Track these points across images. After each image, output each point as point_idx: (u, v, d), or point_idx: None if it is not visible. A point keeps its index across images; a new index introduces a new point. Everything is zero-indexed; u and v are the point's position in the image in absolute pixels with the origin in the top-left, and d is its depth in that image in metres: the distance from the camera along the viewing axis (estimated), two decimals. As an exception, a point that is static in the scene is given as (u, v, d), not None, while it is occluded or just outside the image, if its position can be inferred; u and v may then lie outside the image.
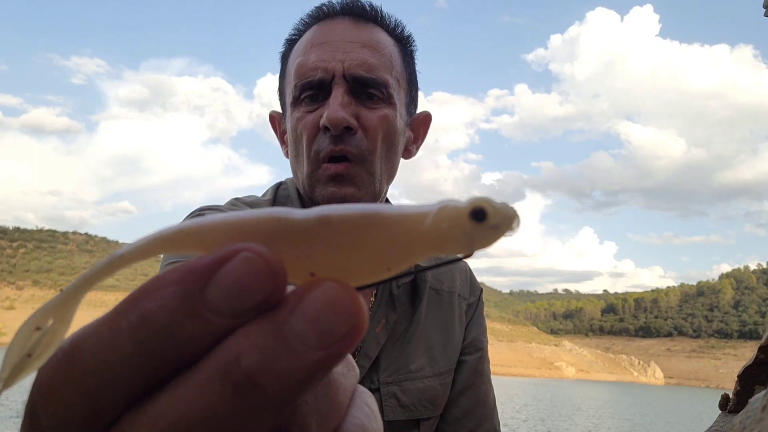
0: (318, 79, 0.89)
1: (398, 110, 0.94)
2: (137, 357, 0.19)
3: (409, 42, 1.01)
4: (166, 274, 0.19)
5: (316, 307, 0.19)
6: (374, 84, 0.90)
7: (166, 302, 0.19)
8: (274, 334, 0.18)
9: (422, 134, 1.06)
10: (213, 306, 0.19)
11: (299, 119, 0.91)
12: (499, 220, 0.20)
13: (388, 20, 0.98)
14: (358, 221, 0.20)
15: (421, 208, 0.20)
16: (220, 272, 0.19)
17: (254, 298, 0.19)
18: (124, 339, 0.19)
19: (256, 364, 0.18)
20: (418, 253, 0.21)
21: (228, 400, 0.18)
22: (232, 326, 0.19)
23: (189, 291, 0.19)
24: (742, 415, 0.54)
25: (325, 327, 0.19)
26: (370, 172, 0.91)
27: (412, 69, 1.02)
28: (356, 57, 0.90)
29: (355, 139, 0.89)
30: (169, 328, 0.18)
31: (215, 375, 0.18)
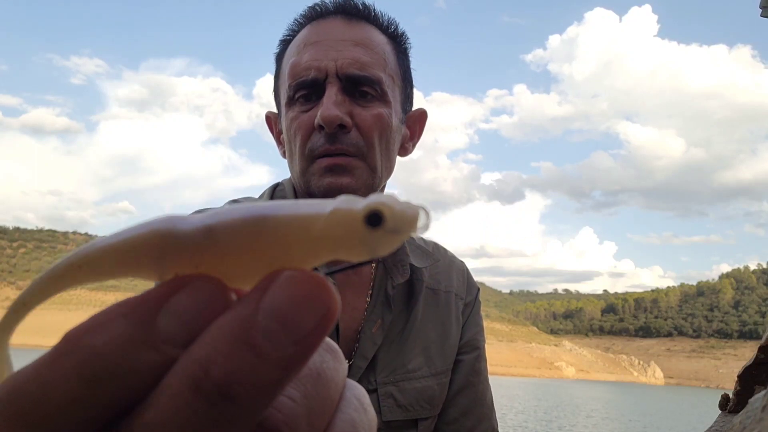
0: (311, 78, 0.89)
1: (393, 108, 0.94)
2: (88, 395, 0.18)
3: (402, 39, 1.01)
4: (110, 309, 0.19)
5: (280, 302, 0.18)
6: (367, 82, 0.90)
7: (117, 335, 0.18)
8: (241, 338, 0.17)
9: (418, 131, 1.06)
10: (166, 335, 0.18)
11: (294, 119, 0.91)
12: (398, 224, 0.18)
13: (381, 18, 0.98)
14: (242, 228, 0.19)
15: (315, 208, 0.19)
16: (171, 301, 0.18)
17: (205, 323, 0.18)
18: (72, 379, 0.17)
19: (225, 374, 0.17)
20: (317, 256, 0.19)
21: (202, 412, 0.17)
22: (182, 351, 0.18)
23: (142, 322, 0.18)
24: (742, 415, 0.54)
25: (293, 322, 0.17)
26: (372, 168, 0.91)
27: (407, 66, 1.01)
28: (349, 55, 0.89)
29: (350, 137, 0.88)
30: (124, 360, 0.18)
31: (185, 389, 0.17)
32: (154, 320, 0.18)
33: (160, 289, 0.19)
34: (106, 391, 0.18)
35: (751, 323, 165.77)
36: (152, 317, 0.18)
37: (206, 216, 0.19)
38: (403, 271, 0.97)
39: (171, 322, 0.18)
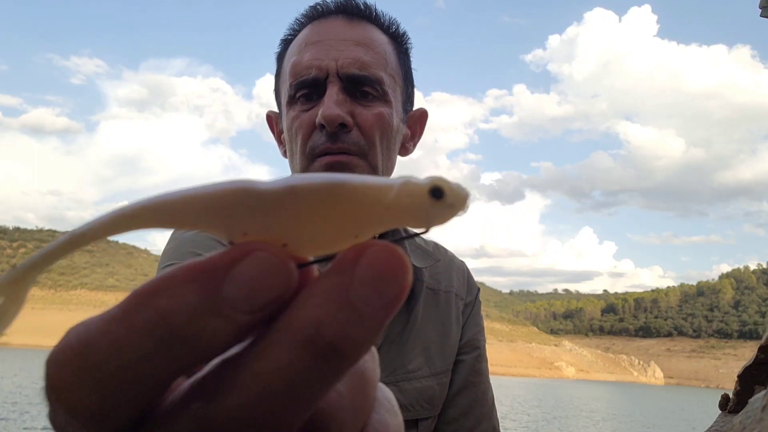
0: (312, 77, 0.89)
1: (394, 107, 0.94)
2: (158, 353, 0.19)
3: (403, 39, 1.01)
4: (177, 273, 0.19)
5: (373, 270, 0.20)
6: (368, 81, 0.90)
7: (185, 300, 0.19)
8: (344, 302, 0.19)
9: (419, 131, 1.07)
10: (231, 303, 0.19)
11: (295, 118, 0.92)
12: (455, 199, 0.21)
13: (382, 18, 0.99)
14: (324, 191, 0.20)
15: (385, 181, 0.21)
16: (235, 270, 0.19)
17: (270, 295, 0.19)
18: (144, 337, 0.19)
19: (335, 332, 0.19)
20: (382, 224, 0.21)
21: (315, 367, 0.19)
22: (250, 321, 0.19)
23: (208, 289, 0.19)
24: (742, 415, 0.54)
25: (385, 288, 0.20)
26: (373, 167, 0.91)
27: (408, 66, 1.02)
28: (350, 55, 0.90)
29: (351, 136, 0.89)
30: (191, 325, 0.19)
31: (299, 346, 0.19)
32: (219, 288, 0.19)
33: (225, 256, 0.20)
34: (175, 351, 0.19)
35: (751, 323, 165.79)
36: (218, 285, 0.19)
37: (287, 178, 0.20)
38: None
39: (235, 290, 0.19)
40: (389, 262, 0.20)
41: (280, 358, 0.19)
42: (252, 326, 0.20)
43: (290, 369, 0.19)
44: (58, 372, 0.20)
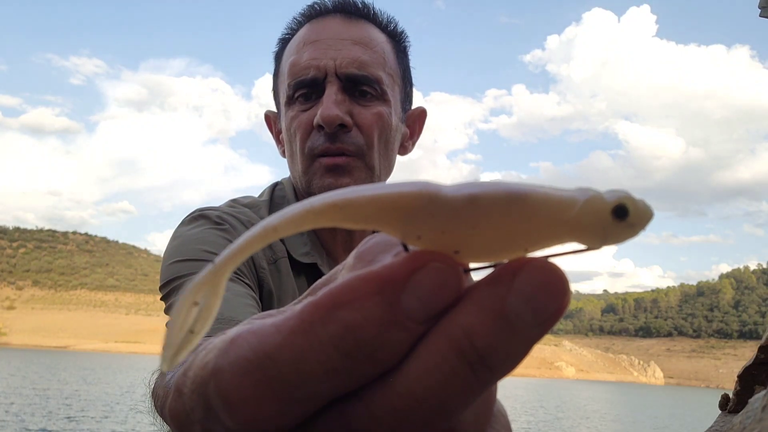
0: (311, 77, 0.90)
1: (393, 107, 0.94)
2: (343, 365, 0.19)
3: (402, 38, 1.01)
4: (358, 284, 0.20)
5: (532, 287, 0.20)
6: (367, 81, 0.90)
7: (370, 313, 0.19)
8: (498, 314, 0.19)
9: (418, 130, 1.06)
10: (410, 313, 0.20)
11: (293, 118, 0.92)
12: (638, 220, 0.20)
13: (380, 17, 0.99)
14: (506, 202, 0.20)
15: (567, 194, 0.20)
16: (413, 281, 0.20)
17: (443, 303, 0.20)
18: (331, 350, 0.19)
19: (486, 342, 0.19)
20: (558, 239, 0.21)
21: (462, 375, 0.19)
22: (423, 331, 0.20)
23: (390, 301, 0.19)
24: (742, 415, 0.54)
25: (541, 306, 0.20)
26: (370, 167, 0.91)
27: (406, 65, 1.02)
28: (348, 54, 0.90)
29: (351, 136, 0.89)
30: (377, 337, 0.19)
31: (451, 354, 0.19)
32: (399, 299, 0.20)
33: (402, 267, 0.20)
34: (359, 362, 0.20)
35: (751, 323, 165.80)
36: (398, 296, 0.20)
37: (467, 185, 0.21)
38: None
39: (414, 301, 0.20)
40: (549, 279, 0.20)
41: (430, 362, 0.20)
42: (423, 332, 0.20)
43: (439, 374, 0.19)
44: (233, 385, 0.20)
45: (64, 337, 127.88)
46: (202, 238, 0.86)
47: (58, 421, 15.18)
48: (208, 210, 0.93)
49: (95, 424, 15.05)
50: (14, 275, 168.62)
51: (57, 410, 17.18)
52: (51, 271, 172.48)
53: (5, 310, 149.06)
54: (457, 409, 0.20)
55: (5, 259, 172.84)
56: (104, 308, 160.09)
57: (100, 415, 16.68)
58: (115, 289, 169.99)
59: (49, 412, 16.75)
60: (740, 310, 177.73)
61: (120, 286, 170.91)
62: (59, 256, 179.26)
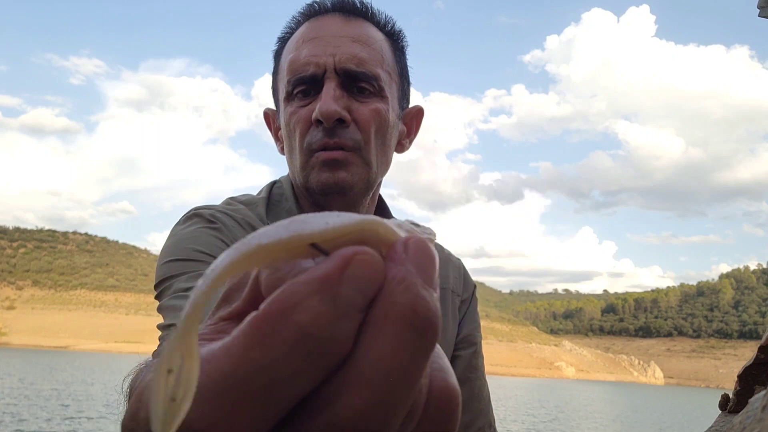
0: (310, 74, 0.91)
1: (390, 104, 0.96)
2: (306, 366, 0.21)
3: (399, 37, 1.03)
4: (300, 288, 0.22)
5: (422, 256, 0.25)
6: (365, 78, 0.92)
7: (319, 311, 0.21)
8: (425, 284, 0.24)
9: (415, 128, 1.08)
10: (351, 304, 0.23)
11: (292, 114, 0.94)
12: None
13: (378, 16, 1.01)
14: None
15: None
16: (347, 275, 0.23)
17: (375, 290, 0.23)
18: (291, 354, 0.21)
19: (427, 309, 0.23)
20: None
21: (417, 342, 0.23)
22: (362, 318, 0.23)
23: (332, 296, 0.22)
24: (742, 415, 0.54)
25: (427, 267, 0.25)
26: (367, 162, 0.93)
27: (404, 64, 1.04)
28: (347, 51, 0.91)
29: (348, 131, 0.90)
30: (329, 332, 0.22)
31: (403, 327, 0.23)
32: (339, 293, 0.22)
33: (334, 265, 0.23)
34: (318, 358, 0.22)
35: (751, 323, 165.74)
36: (338, 291, 0.22)
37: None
38: None
39: (352, 292, 0.23)
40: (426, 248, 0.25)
41: (389, 343, 0.22)
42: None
43: (402, 350, 0.22)
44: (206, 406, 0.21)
45: (64, 337, 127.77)
46: (195, 237, 0.88)
47: (56, 421, 15.15)
48: (202, 209, 0.95)
49: (94, 425, 15.03)
50: (14, 275, 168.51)
51: (56, 411, 17.15)
52: (51, 271, 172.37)
53: (5, 310, 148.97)
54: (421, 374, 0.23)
55: (5, 259, 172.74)
56: (104, 308, 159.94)
57: (98, 415, 16.66)
58: (115, 289, 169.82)
59: (48, 412, 16.73)
60: (740, 310, 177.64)
61: (120, 286, 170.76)
62: (59, 256, 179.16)
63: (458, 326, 1.07)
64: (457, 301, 1.08)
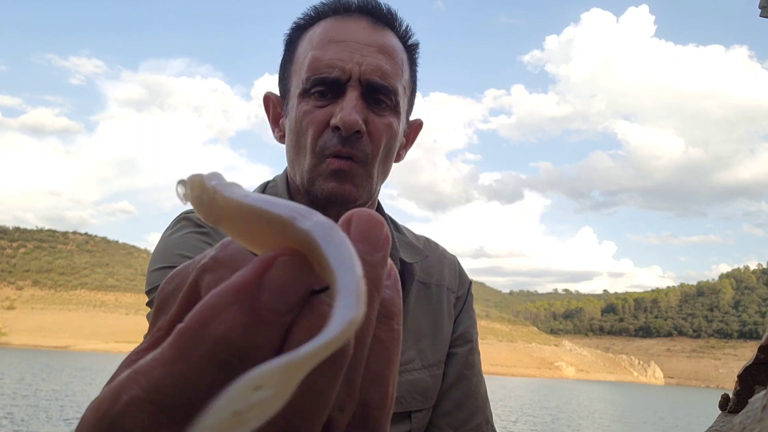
0: (334, 77, 0.90)
1: (401, 118, 0.97)
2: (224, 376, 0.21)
3: (415, 50, 1.03)
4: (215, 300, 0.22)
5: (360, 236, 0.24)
6: (386, 91, 0.92)
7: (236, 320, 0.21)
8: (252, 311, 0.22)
9: (412, 140, 1.10)
10: (271, 308, 0.21)
11: (307, 113, 0.92)
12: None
13: (401, 26, 0.99)
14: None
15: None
16: (266, 280, 0.22)
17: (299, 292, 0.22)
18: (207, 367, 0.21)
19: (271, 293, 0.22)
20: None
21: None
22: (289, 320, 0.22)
23: (249, 304, 0.21)
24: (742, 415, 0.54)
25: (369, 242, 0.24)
26: (369, 175, 0.94)
27: (416, 77, 1.04)
28: (373, 62, 0.91)
29: (362, 143, 0.91)
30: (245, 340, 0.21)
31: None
32: (258, 300, 0.21)
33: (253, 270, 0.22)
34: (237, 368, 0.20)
35: (751, 323, 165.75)
36: (256, 297, 0.21)
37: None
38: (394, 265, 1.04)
39: (271, 297, 0.21)
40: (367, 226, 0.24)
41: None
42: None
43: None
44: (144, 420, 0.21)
45: (64, 337, 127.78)
46: (183, 242, 0.89)
47: (54, 422, 15.12)
48: (191, 212, 0.94)
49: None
50: (14, 275, 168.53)
51: (54, 412, 17.13)
52: (51, 271, 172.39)
53: (5, 310, 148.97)
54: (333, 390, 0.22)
55: (5, 259, 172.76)
56: (104, 308, 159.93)
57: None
58: (115, 289, 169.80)
59: (46, 413, 16.70)
60: (740, 310, 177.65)
61: (120, 286, 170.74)
62: (59, 256, 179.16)
63: (454, 323, 1.06)
64: (452, 298, 1.07)
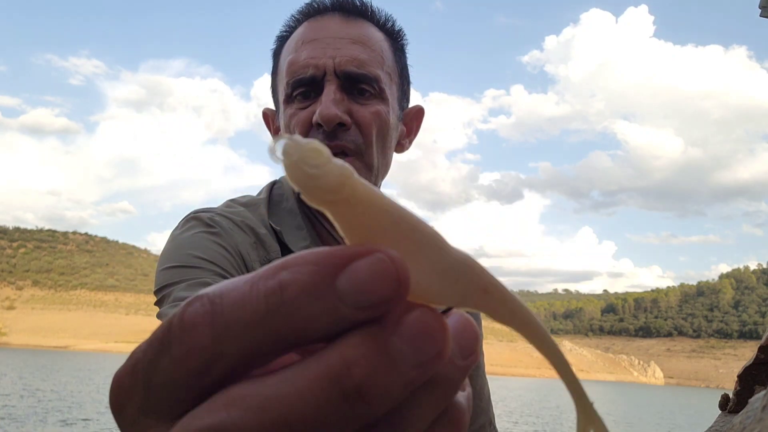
0: (309, 76, 0.90)
1: (390, 105, 0.95)
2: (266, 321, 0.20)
3: (399, 36, 1.02)
4: (306, 254, 0.21)
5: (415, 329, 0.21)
6: (365, 80, 0.91)
7: (300, 277, 0.20)
8: (381, 349, 0.20)
9: (415, 128, 1.08)
10: (340, 294, 0.20)
11: (292, 116, 0.93)
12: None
13: (378, 15, 1.00)
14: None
15: None
16: (353, 265, 0.21)
17: (378, 296, 0.20)
18: (259, 301, 0.20)
19: (365, 375, 0.20)
20: None
21: (333, 403, 0.20)
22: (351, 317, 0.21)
23: (323, 274, 0.20)
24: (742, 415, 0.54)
25: (421, 348, 0.21)
26: (368, 166, 0.93)
27: (404, 63, 1.03)
28: (347, 53, 0.91)
29: (350, 134, 0.90)
30: (298, 300, 0.20)
31: (326, 377, 0.20)
32: (335, 277, 0.20)
33: (349, 250, 0.21)
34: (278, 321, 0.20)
35: (751, 323, 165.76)
36: (335, 274, 0.20)
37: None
38: None
39: (347, 283, 0.20)
40: (433, 324, 0.21)
41: (305, 387, 0.20)
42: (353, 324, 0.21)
43: (312, 401, 0.20)
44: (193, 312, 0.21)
45: (64, 337, 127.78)
46: (193, 242, 0.87)
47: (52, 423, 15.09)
48: (201, 212, 0.94)
49: (90, 426, 14.99)
50: (14, 275, 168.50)
51: (53, 412, 17.10)
52: (51, 271, 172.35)
53: (5, 310, 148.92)
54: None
55: (5, 259, 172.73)
56: (104, 308, 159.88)
57: (96, 416, 16.61)
58: (115, 289, 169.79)
59: (44, 413, 16.67)
60: (740, 310, 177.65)
61: (120, 286, 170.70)
62: (59, 256, 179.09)
63: None
64: None
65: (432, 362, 0.21)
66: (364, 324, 0.21)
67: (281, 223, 0.95)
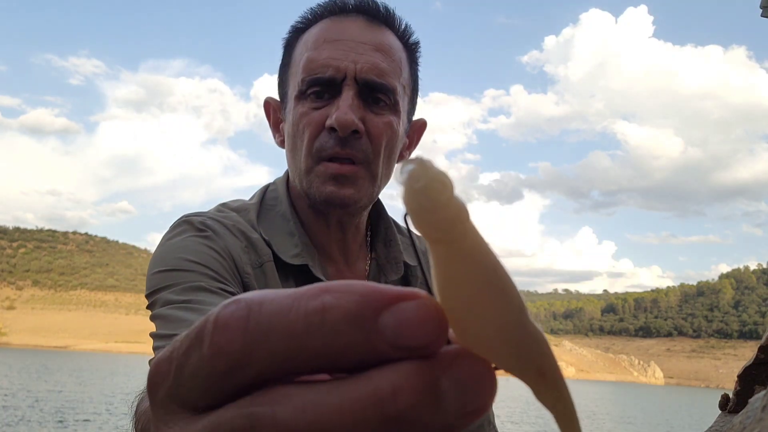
0: (328, 77, 0.88)
1: (401, 117, 0.95)
2: (303, 338, 0.20)
3: (416, 48, 1.01)
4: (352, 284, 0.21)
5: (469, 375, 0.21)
6: (383, 89, 0.90)
7: (345, 305, 0.20)
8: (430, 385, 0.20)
9: (416, 141, 1.08)
10: (382, 330, 0.20)
11: (303, 114, 0.90)
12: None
13: (399, 24, 0.98)
14: None
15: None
16: (401, 305, 0.21)
17: (419, 341, 0.20)
18: (298, 317, 0.20)
19: (409, 406, 0.20)
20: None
21: (371, 424, 0.20)
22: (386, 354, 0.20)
23: (367, 307, 0.20)
24: (742, 415, 0.54)
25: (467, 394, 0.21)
26: (373, 176, 0.92)
27: (416, 76, 1.02)
28: (369, 60, 0.89)
29: (361, 143, 0.89)
30: (337, 326, 0.20)
31: (372, 398, 0.20)
32: (379, 313, 0.20)
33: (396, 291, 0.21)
34: (313, 341, 0.20)
35: (751, 323, 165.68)
36: (380, 310, 0.20)
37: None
38: (397, 268, 1.00)
39: (392, 323, 0.20)
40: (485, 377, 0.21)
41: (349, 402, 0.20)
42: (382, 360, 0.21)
43: (351, 416, 0.20)
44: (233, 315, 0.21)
45: (64, 337, 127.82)
46: (184, 246, 0.86)
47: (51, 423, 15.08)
48: (193, 216, 0.93)
49: (90, 426, 14.97)
50: (14, 275, 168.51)
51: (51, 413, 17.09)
52: (51, 271, 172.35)
53: (5, 310, 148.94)
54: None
55: (5, 259, 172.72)
56: (104, 308, 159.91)
57: (95, 417, 16.59)
58: (115, 289, 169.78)
59: (44, 413, 16.67)
60: (740, 310, 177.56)
61: (120, 286, 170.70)
62: (59, 256, 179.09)
63: None
64: None
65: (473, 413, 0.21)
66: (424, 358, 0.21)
67: (271, 228, 0.93)
